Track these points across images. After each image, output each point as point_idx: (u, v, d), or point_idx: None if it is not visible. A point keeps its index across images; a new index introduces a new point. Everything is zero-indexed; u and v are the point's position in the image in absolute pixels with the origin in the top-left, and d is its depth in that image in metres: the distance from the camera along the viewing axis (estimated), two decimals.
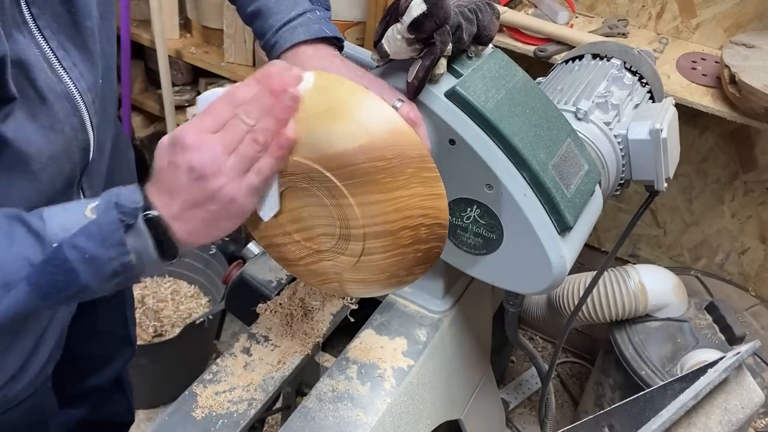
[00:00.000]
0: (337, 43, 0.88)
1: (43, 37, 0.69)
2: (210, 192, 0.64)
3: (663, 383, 0.72)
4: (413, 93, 0.81)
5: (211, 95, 0.67)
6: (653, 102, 1.16)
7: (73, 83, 0.72)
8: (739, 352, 0.68)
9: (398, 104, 0.77)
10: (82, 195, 0.83)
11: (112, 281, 0.65)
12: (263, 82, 0.66)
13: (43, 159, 0.71)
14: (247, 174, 0.65)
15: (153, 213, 0.64)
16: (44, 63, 0.69)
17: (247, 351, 1.00)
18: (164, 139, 0.65)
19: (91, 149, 0.79)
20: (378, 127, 0.68)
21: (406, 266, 0.78)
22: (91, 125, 0.76)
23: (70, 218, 0.63)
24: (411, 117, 0.76)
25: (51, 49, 0.69)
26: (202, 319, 1.83)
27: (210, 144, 0.63)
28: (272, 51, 0.87)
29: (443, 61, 0.80)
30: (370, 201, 0.71)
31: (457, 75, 0.83)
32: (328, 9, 0.90)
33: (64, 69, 0.71)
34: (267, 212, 0.73)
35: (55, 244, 0.62)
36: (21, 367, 0.89)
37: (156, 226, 0.64)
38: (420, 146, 0.70)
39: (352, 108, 0.69)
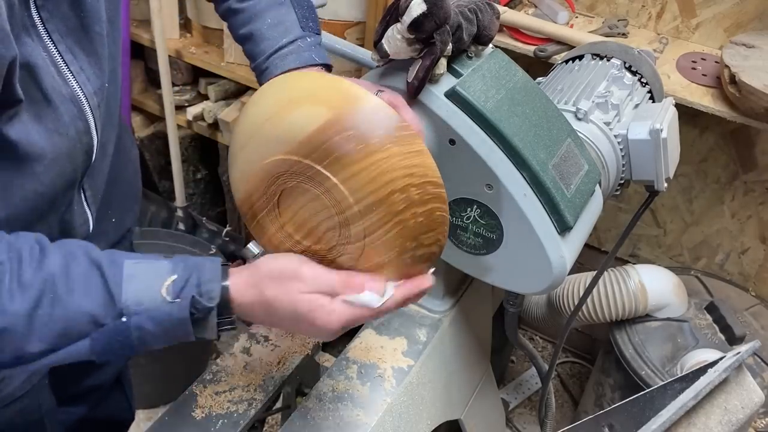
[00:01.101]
0: (326, 68, 0.90)
1: (52, 40, 0.69)
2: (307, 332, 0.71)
3: (663, 383, 0.72)
4: (413, 93, 0.81)
5: (365, 301, 0.71)
6: (653, 102, 1.16)
7: (80, 87, 0.72)
8: (739, 352, 0.68)
9: (378, 94, 0.77)
10: (82, 195, 0.83)
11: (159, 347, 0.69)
12: (412, 299, 0.74)
13: (47, 161, 0.71)
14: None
15: (228, 327, 0.68)
16: (51, 66, 0.69)
17: (247, 351, 1.00)
18: (303, 307, 0.68)
19: (94, 151, 0.79)
20: (336, 98, 0.69)
21: (411, 235, 0.75)
22: (96, 128, 0.77)
23: (147, 290, 0.65)
24: (392, 101, 0.77)
25: (59, 53, 0.70)
26: None
27: (339, 333, 0.70)
28: (263, 75, 0.89)
29: (443, 61, 0.80)
30: (351, 174, 0.70)
31: (457, 75, 0.83)
32: (318, 34, 0.92)
33: (71, 73, 0.71)
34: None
35: (124, 318, 0.64)
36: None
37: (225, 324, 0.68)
38: (383, 106, 0.70)
39: (309, 90, 0.70)
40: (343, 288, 0.69)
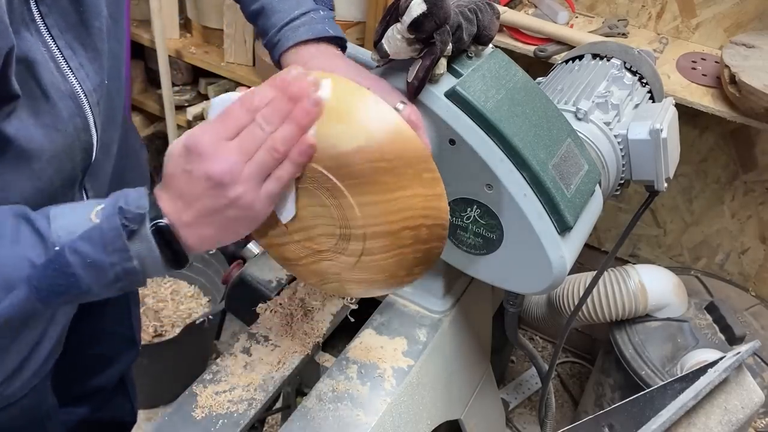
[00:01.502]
0: (340, 43, 0.87)
1: (51, 36, 0.68)
2: (228, 200, 0.63)
3: (663, 383, 0.72)
4: (413, 93, 0.81)
5: (225, 99, 0.66)
6: (653, 102, 1.16)
7: (79, 83, 0.72)
8: (739, 352, 0.68)
9: (400, 106, 0.77)
10: (84, 195, 0.83)
11: (115, 285, 0.64)
12: (281, 88, 0.64)
13: (45, 158, 0.71)
14: (266, 181, 0.65)
15: (162, 222, 0.63)
16: (50, 62, 0.69)
17: (247, 351, 1.00)
18: (176, 145, 0.64)
19: (94, 150, 0.78)
20: (379, 128, 0.68)
21: (406, 266, 0.78)
22: (95, 126, 0.76)
23: (75, 220, 0.62)
24: (413, 119, 0.76)
25: (58, 48, 0.69)
26: (202, 319, 1.83)
27: (227, 151, 0.62)
28: (274, 50, 0.86)
29: (443, 61, 0.80)
30: (371, 201, 0.71)
31: (457, 75, 0.83)
32: (331, 9, 0.90)
33: (70, 68, 0.71)
34: (285, 216, 0.73)
35: (57, 248, 0.61)
36: (20, 364, 0.89)
37: (164, 234, 0.63)
38: (421, 147, 0.70)
39: (353, 108, 0.68)
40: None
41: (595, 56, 1.18)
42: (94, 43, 0.73)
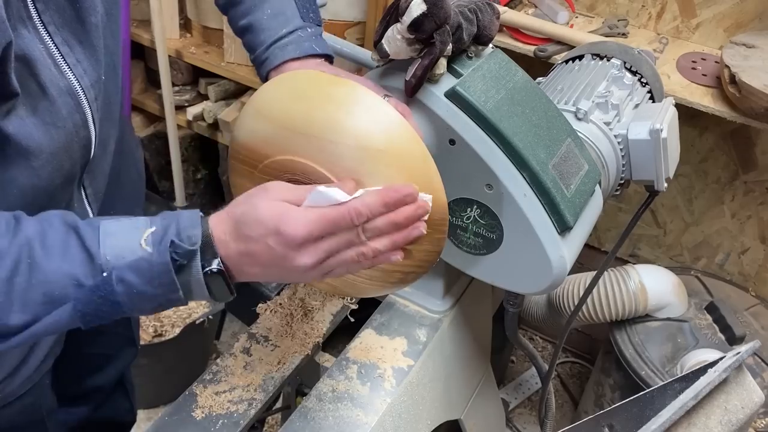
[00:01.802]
0: (326, 58, 0.89)
1: (48, 32, 0.68)
2: (294, 274, 0.65)
3: (663, 383, 0.72)
4: (411, 91, 0.81)
5: (330, 196, 0.64)
6: (653, 102, 1.16)
7: (77, 79, 0.72)
8: (739, 352, 0.68)
9: (385, 99, 0.78)
10: (83, 192, 0.83)
11: (155, 310, 0.66)
12: (391, 206, 0.65)
13: (44, 155, 0.71)
14: (338, 269, 0.66)
15: (215, 267, 0.63)
16: (48, 59, 0.69)
17: (247, 351, 1.00)
18: (267, 218, 0.62)
19: (93, 146, 0.78)
20: (419, 188, 0.69)
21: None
22: (94, 122, 0.76)
23: (125, 243, 0.62)
24: (399, 109, 0.77)
25: (55, 45, 0.69)
26: (202, 319, 1.83)
27: (317, 251, 0.63)
28: (262, 66, 0.88)
29: (443, 61, 0.80)
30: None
31: (457, 75, 0.83)
32: (319, 25, 0.91)
33: (68, 65, 0.71)
34: None
35: (105, 273, 0.61)
36: (20, 363, 0.89)
37: (217, 275, 0.64)
38: (444, 210, 0.72)
39: (406, 158, 0.69)
40: (308, 192, 0.64)
41: (595, 56, 1.18)
42: (91, 39, 0.73)
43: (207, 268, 0.63)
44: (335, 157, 0.68)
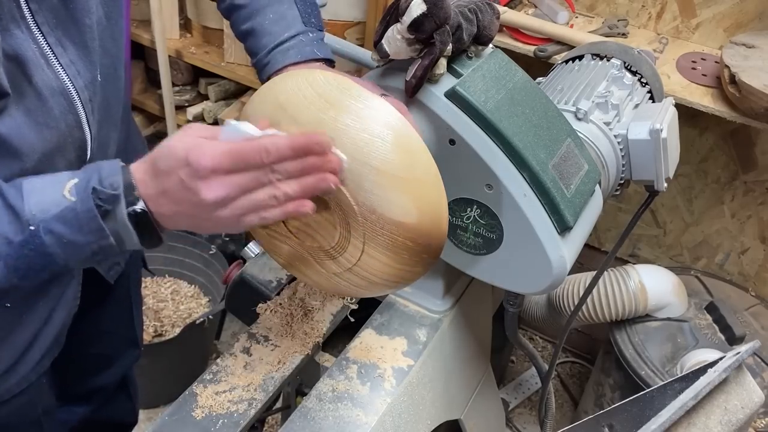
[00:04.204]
0: (328, 63, 0.89)
1: (41, 33, 0.68)
2: (210, 216, 0.64)
3: (663, 383, 0.72)
4: (411, 92, 0.81)
5: (242, 129, 0.64)
6: (653, 102, 1.16)
7: (70, 80, 0.72)
8: (739, 352, 0.68)
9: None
10: None
11: (93, 259, 0.66)
12: (304, 154, 0.64)
13: (36, 155, 0.71)
14: (249, 214, 0.65)
15: (139, 208, 0.63)
16: (41, 59, 0.69)
17: (247, 351, 1.00)
18: (179, 147, 0.63)
19: (89, 148, 0.78)
20: (429, 218, 0.72)
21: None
22: (88, 123, 0.76)
23: (49, 197, 0.63)
24: (396, 108, 0.77)
25: (49, 45, 0.69)
26: (202, 319, 1.83)
27: (227, 184, 0.62)
28: (264, 71, 0.88)
29: (443, 61, 0.80)
30: (378, 260, 0.74)
31: (457, 75, 0.83)
32: (321, 30, 0.91)
33: (61, 65, 0.71)
34: None
35: (32, 227, 0.62)
36: (15, 361, 0.89)
37: (141, 217, 0.64)
38: (444, 241, 0.75)
39: (419, 184, 0.71)
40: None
41: (595, 56, 1.18)
42: (85, 40, 0.73)
43: (130, 208, 0.63)
44: (354, 175, 0.69)
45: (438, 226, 0.74)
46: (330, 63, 0.89)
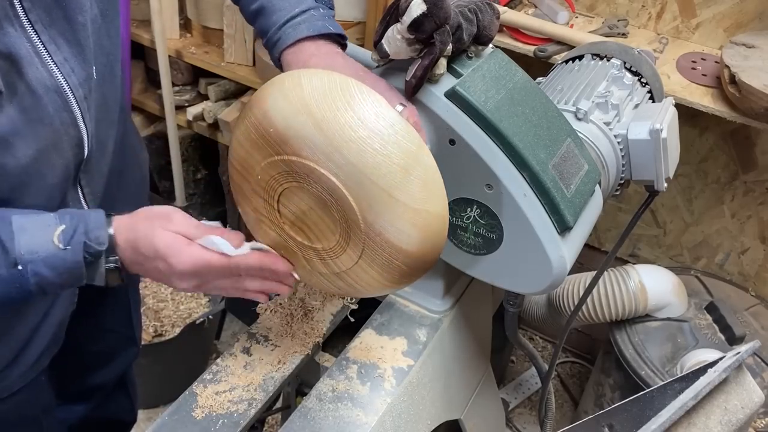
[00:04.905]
0: (340, 40, 0.87)
1: (35, 31, 0.68)
2: (172, 285, 0.75)
3: (663, 383, 0.72)
4: (411, 92, 0.81)
5: (220, 246, 0.74)
6: (653, 102, 1.16)
7: (64, 78, 0.72)
8: (739, 352, 0.68)
9: (399, 108, 0.78)
10: (80, 191, 0.83)
11: (59, 293, 0.76)
12: (270, 272, 0.79)
13: (31, 152, 0.71)
14: (211, 291, 0.79)
15: (114, 264, 0.72)
16: (35, 57, 0.69)
17: (247, 351, 1.00)
18: (161, 246, 0.72)
19: (86, 145, 0.78)
20: (428, 249, 0.74)
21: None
22: (84, 121, 0.76)
23: (39, 239, 0.68)
24: (413, 121, 0.78)
25: (42, 43, 0.69)
26: (202, 319, 1.83)
27: (200, 281, 0.75)
28: (275, 47, 0.86)
29: (443, 61, 0.80)
30: (369, 274, 0.76)
31: (457, 75, 0.83)
32: (331, 8, 0.90)
33: (54, 63, 0.71)
34: None
35: (20, 267, 0.67)
36: (13, 359, 0.89)
37: (114, 270, 0.73)
38: (433, 265, 0.78)
39: (429, 216, 0.72)
40: (203, 234, 0.74)
41: (595, 56, 1.18)
42: (78, 38, 0.73)
43: (109, 264, 0.72)
44: (373, 199, 0.70)
45: (436, 253, 0.76)
46: (341, 38, 0.87)
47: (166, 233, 0.72)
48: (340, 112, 0.69)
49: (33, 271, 0.67)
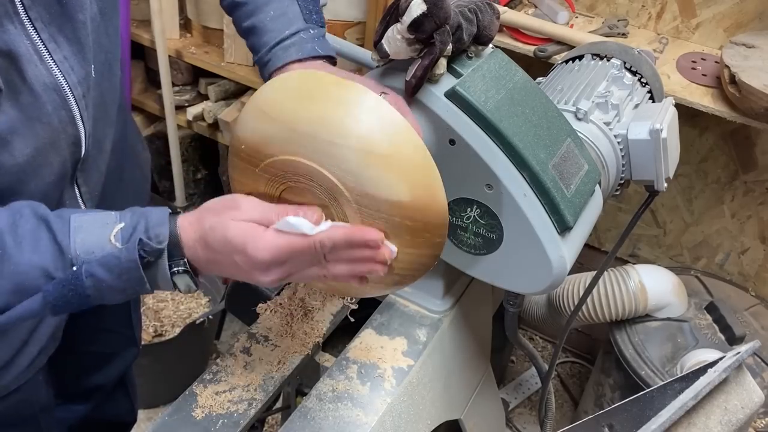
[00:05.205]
0: (329, 60, 0.89)
1: (35, 28, 0.68)
2: (253, 281, 0.69)
3: (663, 383, 0.72)
4: (411, 92, 0.81)
5: (298, 226, 0.66)
6: (653, 102, 1.16)
7: (63, 76, 0.72)
8: (739, 352, 0.68)
9: (382, 96, 0.78)
10: (77, 190, 0.83)
11: (122, 299, 0.68)
12: (359, 245, 0.67)
13: (29, 150, 0.71)
14: (292, 279, 0.70)
15: (181, 268, 0.67)
16: (35, 55, 0.69)
17: (247, 351, 1.00)
18: (236, 237, 0.65)
19: (83, 144, 0.78)
20: (421, 193, 0.70)
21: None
22: (82, 120, 0.76)
23: (95, 238, 0.65)
24: (397, 105, 0.78)
25: (42, 41, 0.69)
26: (202, 319, 1.83)
27: (284, 270, 0.67)
28: (265, 68, 0.88)
29: (443, 61, 0.80)
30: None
31: (457, 75, 0.83)
32: (322, 26, 0.91)
33: (54, 61, 0.71)
34: None
35: (75, 267, 0.64)
36: (11, 359, 0.89)
37: (182, 272, 0.68)
38: (444, 216, 0.72)
39: (405, 163, 0.70)
40: (277, 216, 0.67)
41: (595, 56, 1.18)
42: (78, 36, 0.73)
43: (174, 268, 0.67)
44: (338, 159, 0.68)
45: (434, 200, 0.72)
46: (332, 60, 0.89)
47: (239, 223, 0.66)
48: (289, 100, 0.70)
49: (88, 272, 0.63)
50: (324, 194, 0.72)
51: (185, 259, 0.67)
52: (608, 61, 1.16)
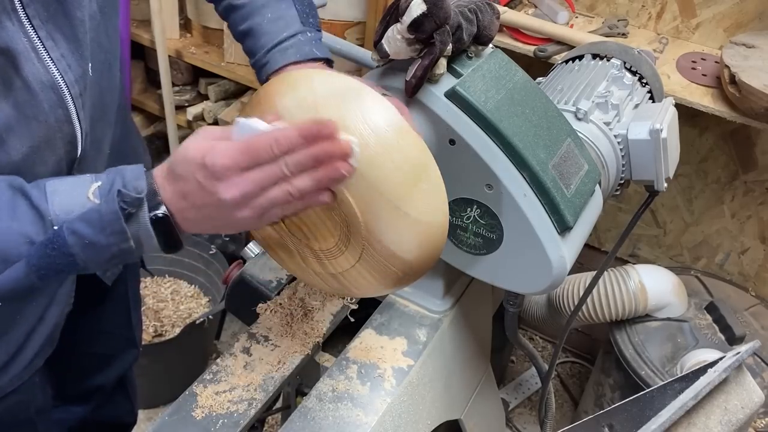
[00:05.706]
0: (326, 62, 0.89)
1: (32, 26, 0.68)
2: (232, 217, 0.65)
3: (663, 383, 0.72)
4: (411, 91, 0.81)
5: (252, 125, 0.65)
6: (653, 102, 1.16)
7: (60, 74, 0.71)
8: (739, 352, 0.68)
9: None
10: None
11: (110, 262, 0.66)
12: (314, 140, 0.64)
13: (24, 148, 0.70)
14: (269, 211, 0.66)
15: (161, 212, 0.65)
16: (32, 52, 0.68)
17: (247, 351, 1.00)
18: (194, 151, 0.64)
19: (79, 143, 0.78)
20: (428, 254, 0.73)
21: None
22: (78, 118, 0.76)
23: (73, 199, 0.64)
24: (398, 108, 0.77)
25: (39, 39, 0.69)
26: (202, 319, 1.83)
27: (243, 182, 0.63)
28: (262, 71, 0.88)
29: (443, 61, 0.80)
30: (365, 278, 0.75)
31: (457, 75, 0.83)
32: (318, 30, 0.91)
33: (51, 59, 0.70)
34: None
35: (55, 227, 0.63)
36: (8, 360, 0.89)
37: (163, 222, 0.65)
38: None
39: (430, 227, 0.71)
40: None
41: (595, 56, 1.18)
42: (76, 34, 0.73)
43: (153, 213, 0.65)
44: (370, 200, 0.69)
45: (432, 262, 0.75)
46: (328, 63, 0.89)
47: (198, 140, 0.65)
48: (351, 118, 0.67)
49: (69, 230, 0.63)
50: (337, 214, 0.72)
51: (163, 205, 0.65)
52: (608, 61, 1.16)
